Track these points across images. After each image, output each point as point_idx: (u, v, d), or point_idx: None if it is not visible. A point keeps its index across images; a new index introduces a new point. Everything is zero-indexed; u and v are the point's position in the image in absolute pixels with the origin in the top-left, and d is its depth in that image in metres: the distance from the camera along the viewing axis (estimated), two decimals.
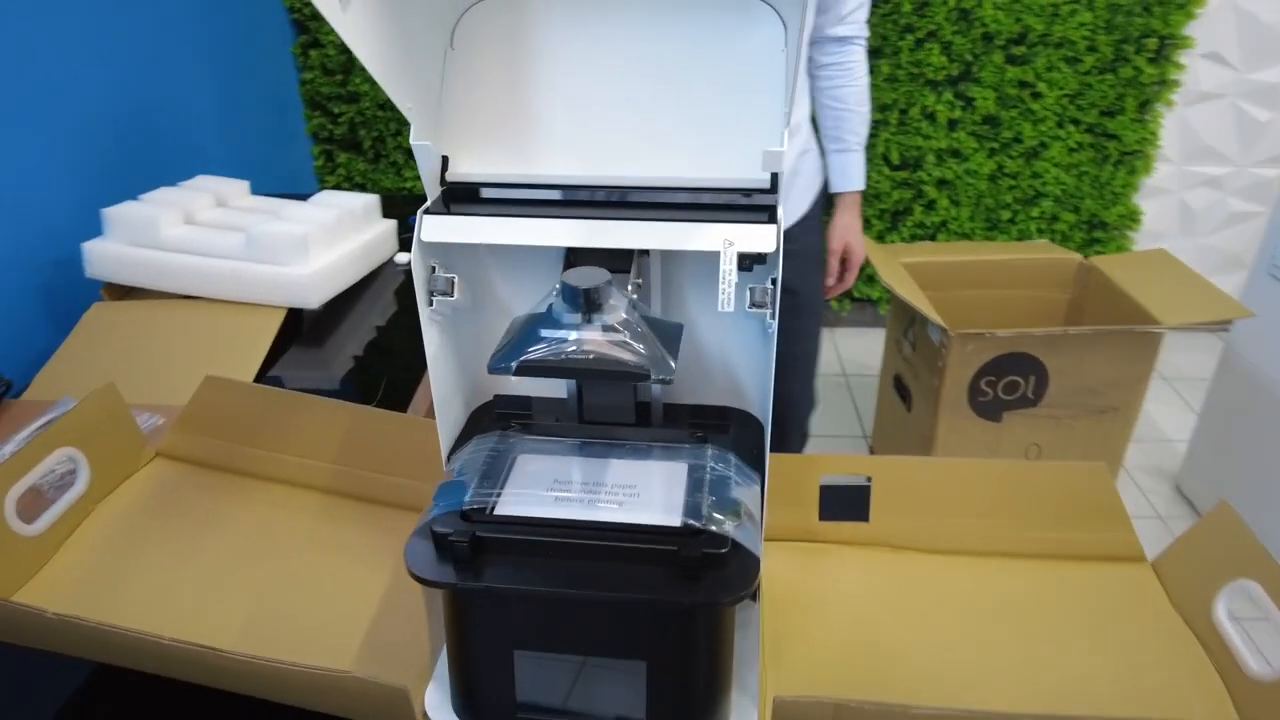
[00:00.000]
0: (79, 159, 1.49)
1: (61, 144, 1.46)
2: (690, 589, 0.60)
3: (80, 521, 0.87)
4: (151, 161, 1.71)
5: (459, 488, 0.68)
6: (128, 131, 1.64)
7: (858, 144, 1.44)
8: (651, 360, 0.59)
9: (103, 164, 1.55)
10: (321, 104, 2.46)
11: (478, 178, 0.70)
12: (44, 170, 1.42)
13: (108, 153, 1.57)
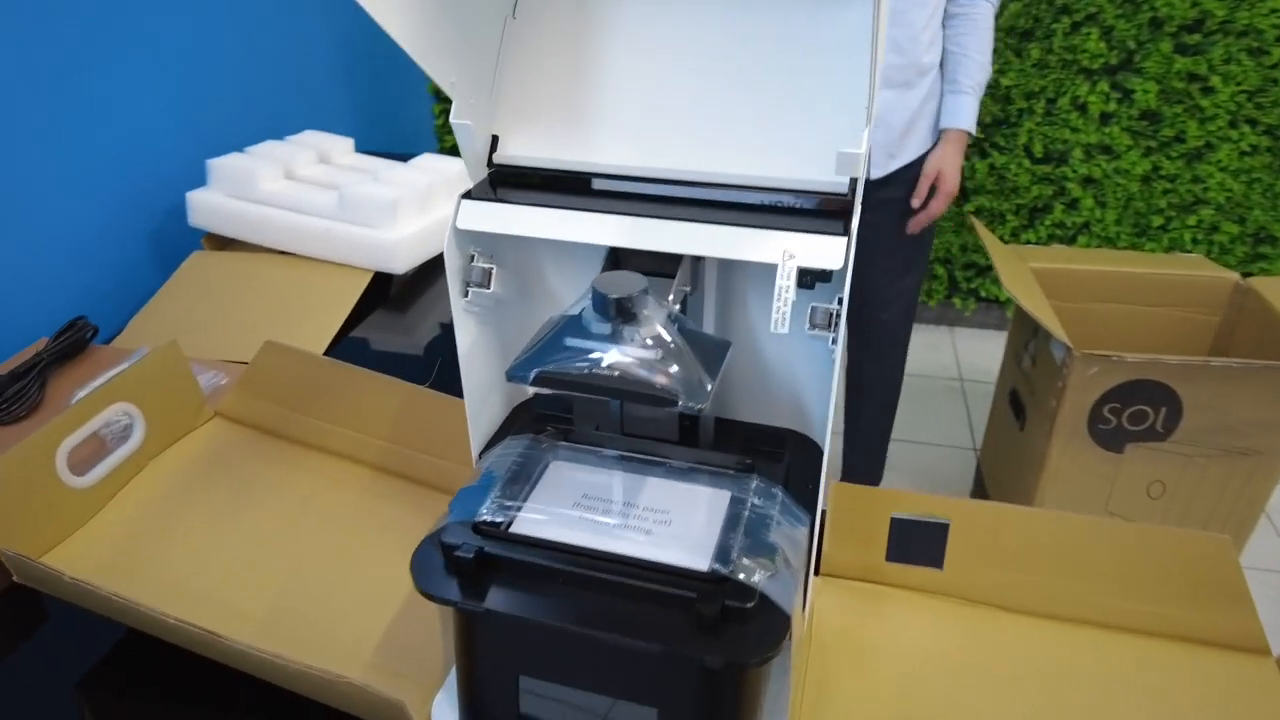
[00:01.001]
0: (194, 108, 1.52)
1: (179, 92, 1.49)
2: (706, 643, 0.53)
3: (132, 477, 0.88)
4: (266, 113, 1.73)
5: (478, 494, 0.63)
6: (246, 83, 1.67)
7: (970, 87, 1.54)
8: (684, 383, 0.53)
9: (218, 114, 1.58)
10: None
11: (527, 161, 0.64)
12: (160, 118, 1.46)
13: (223, 103, 1.60)
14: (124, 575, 0.78)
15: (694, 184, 0.60)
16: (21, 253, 1.22)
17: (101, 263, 1.37)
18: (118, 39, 1.36)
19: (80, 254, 1.33)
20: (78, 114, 1.30)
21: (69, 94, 1.28)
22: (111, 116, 1.36)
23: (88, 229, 1.34)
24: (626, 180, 0.62)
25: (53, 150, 1.27)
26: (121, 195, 1.39)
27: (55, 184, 1.28)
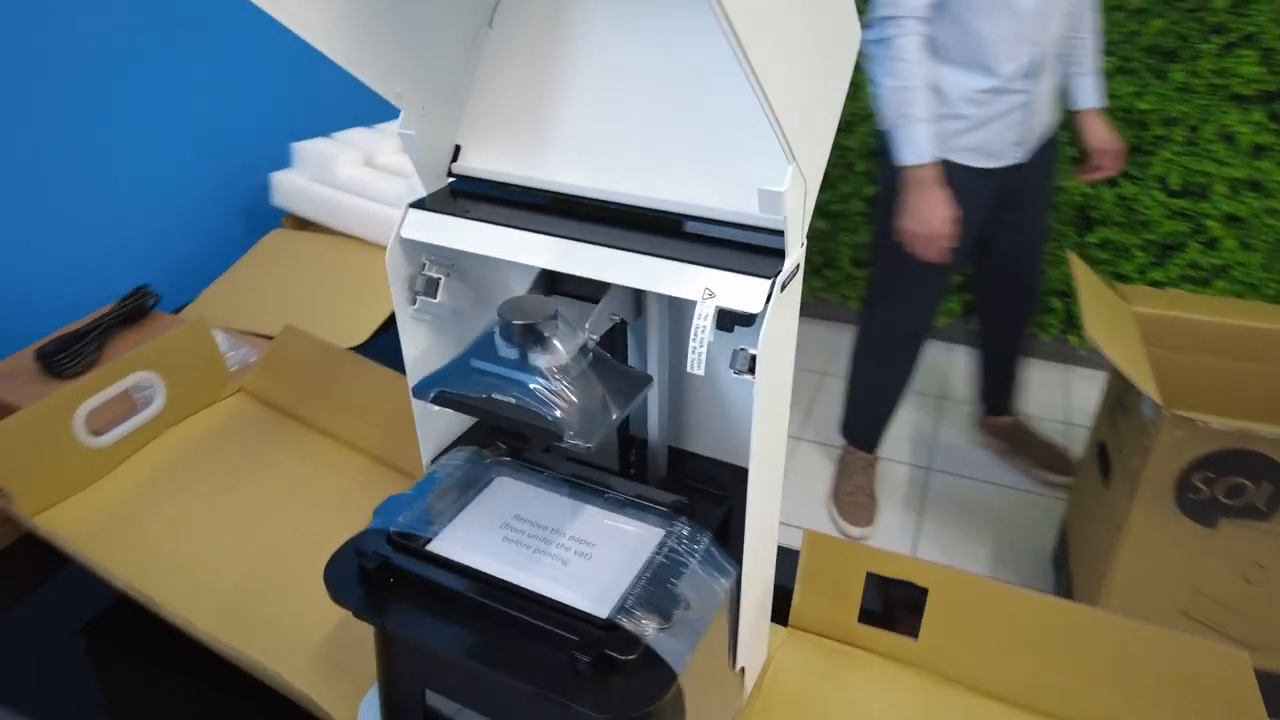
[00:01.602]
0: (292, 91, 1.60)
1: (279, 75, 1.56)
2: (577, 690, 0.51)
3: (148, 443, 0.93)
4: (359, 100, 1.79)
5: (405, 503, 0.63)
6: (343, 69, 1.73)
7: (1098, 68, 1.67)
8: (578, 418, 0.50)
9: (315, 98, 1.65)
10: None
11: (483, 173, 0.63)
12: (260, 100, 1.53)
13: (320, 87, 1.66)
14: (118, 536, 0.82)
15: (641, 210, 0.57)
16: (115, 221, 1.32)
17: (192, 234, 1.45)
18: (223, 21, 1.44)
19: (172, 224, 1.42)
20: (180, 91, 1.39)
21: (174, 73, 1.37)
22: (213, 94, 1.44)
23: (179, 202, 1.43)
24: (574, 201, 0.59)
25: (153, 126, 1.36)
26: (215, 171, 1.47)
27: (151, 159, 1.37)
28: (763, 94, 0.40)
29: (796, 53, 0.44)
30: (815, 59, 0.46)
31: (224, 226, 1.52)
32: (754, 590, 0.62)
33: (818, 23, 0.46)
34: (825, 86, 0.49)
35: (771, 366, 0.52)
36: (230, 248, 1.50)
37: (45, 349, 1.04)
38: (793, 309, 0.55)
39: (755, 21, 0.37)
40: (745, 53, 0.38)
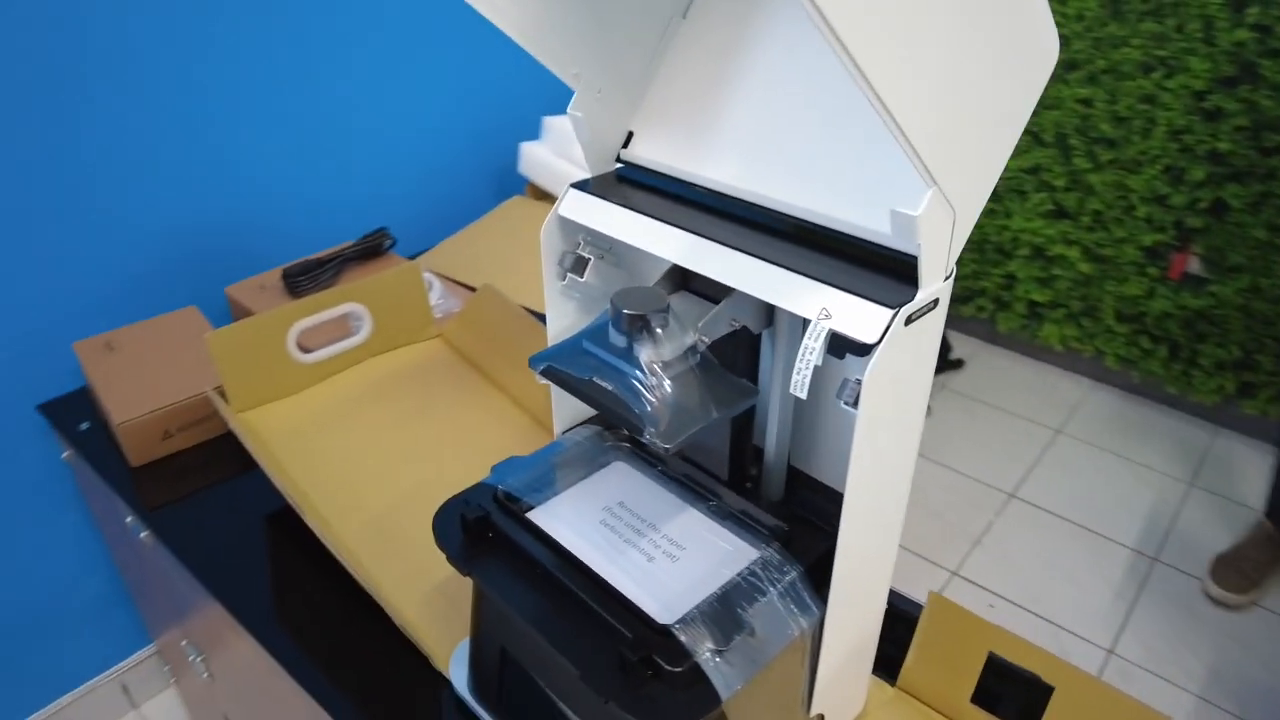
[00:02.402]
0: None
1: None
2: (618, 687, 0.50)
3: (348, 367, 1.03)
4: None
5: (517, 467, 0.65)
6: None
7: None
8: (665, 418, 0.49)
9: None
10: None
11: (648, 163, 0.63)
12: (517, 68, 1.64)
13: None
14: (298, 444, 0.92)
15: (785, 217, 0.55)
16: (374, 166, 1.47)
17: (442, 188, 1.59)
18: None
19: (426, 176, 1.56)
20: (447, 58, 1.51)
21: (446, 39, 1.49)
22: (478, 62, 1.56)
23: (435, 157, 1.56)
24: (724, 200, 0.58)
25: (420, 84, 1.49)
26: (471, 134, 1.60)
27: (415, 113, 1.50)
28: (883, 108, 0.37)
29: (938, 67, 0.39)
30: (971, 74, 0.42)
31: (471, 186, 1.64)
32: (841, 637, 0.58)
33: (977, 34, 0.41)
34: (988, 106, 0.44)
35: (881, 403, 0.48)
36: (474, 206, 1.62)
37: (290, 270, 1.18)
38: (925, 346, 0.50)
39: (871, 32, 0.34)
40: (857, 66, 0.35)
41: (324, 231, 1.41)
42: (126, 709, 1.51)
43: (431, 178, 1.57)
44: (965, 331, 2.53)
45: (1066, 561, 1.79)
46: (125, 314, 1.21)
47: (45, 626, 1.34)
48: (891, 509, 0.57)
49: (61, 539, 1.29)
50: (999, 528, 1.89)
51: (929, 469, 2.05)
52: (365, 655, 0.74)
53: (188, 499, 0.92)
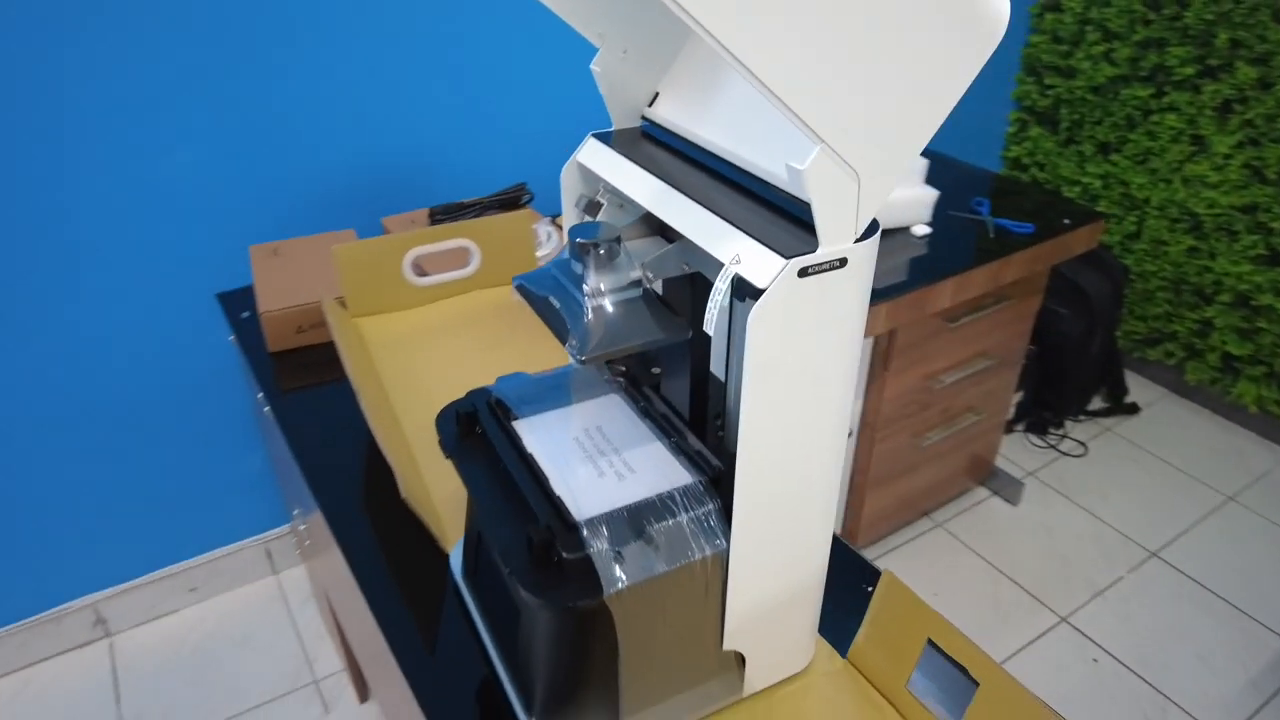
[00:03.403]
0: None
1: None
2: (520, 564, 0.57)
3: (454, 295, 1.15)
4: None
5: (517, 381, 0.74)
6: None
7: None
8: (586, 335, 0.55)
9: None
10: (1038, 71, 2.31)
11: (665, 122, 0.68)
12: None
13: None
14: (396, 354, 1.06)
15: (753, 177, 0.59)
16: (528, 133, 1.60)
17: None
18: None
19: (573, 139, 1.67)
20: None
21: None
22: None
23: (585, 123, 1.67)
24: (711, 157, 0.62)
25: (574, 56, 1.60)
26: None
27: (569, 83, 1.61)
28: (736, 63, 0.41)
29: (816, 32, 0.43)
30: (869, 42, 0.44)
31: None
32: (750, 577, 0.61)
33: (874, 4, 0.44)
34: (899, 76, 0.46)
35: (770, 347, 0.51)
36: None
37: (436, 209, 1.33)
38: (833, 305, 0.52)
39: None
40: (696, 20, 0.39)
41: (475, 180, 1.56)
42: (267, 573, 1.76)
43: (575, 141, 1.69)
44: (1148, 376, 2.33)
45: (1199, 636, 1.63)
46: (296, 228, 1.42)
47: (210, 486, 1.60)
48: (811, 468, 0.59)
49: (228, 413, 1.54)
50: (1128, 584, 1.74)
51: (1064, 508, 1.92)
52: (410, 545, 0.86)
53: (307, 389, 1.08)
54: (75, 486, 1.49)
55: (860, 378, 1.55)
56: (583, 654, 0.60)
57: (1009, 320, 1.67)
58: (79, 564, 1.56)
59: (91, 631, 1.62)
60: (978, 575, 1.76)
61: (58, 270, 1.31)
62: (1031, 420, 2.15)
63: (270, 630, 1.65)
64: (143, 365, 1.44)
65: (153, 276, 1.37)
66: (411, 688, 0.72)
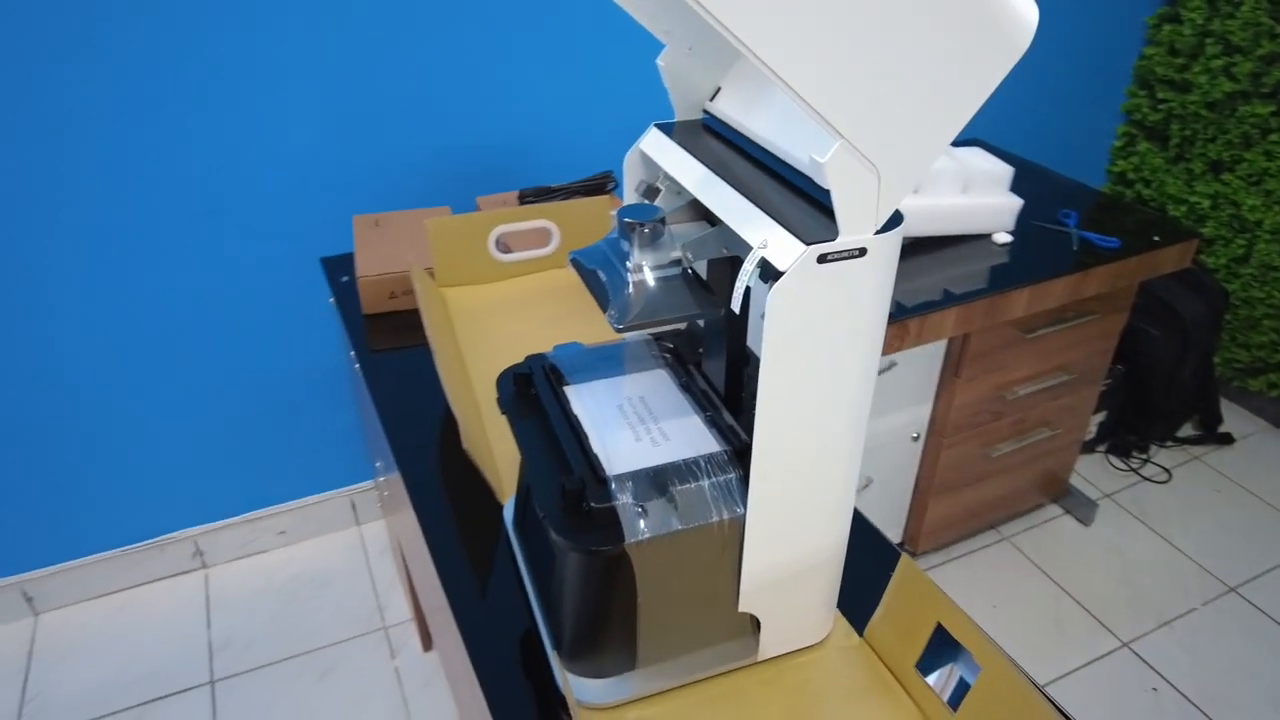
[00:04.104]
0: None
1: None
2: (554, 509, 0.63)
3: (533, 273, 1.22)
4: None
5: (573, 350, 0.80)
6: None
7: None
8: (624, 305, 0.61)
9: None
10: (1150, 84, 2.23)
11: (721, 115, 0.73)
12: None
13: None
14: (479, 319, 1.13)
15: (794, 170, 0.63)
16: (618, 125, 1.66)
17: None
18: None
19: None
20: None
21: None
22: None
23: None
24: (760, 150, 0.67)
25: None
26: None
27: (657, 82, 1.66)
28: (762, 65, 0.46)
29: (835, 37, 0.47)
30: (890, 47, 0.48)
31: None
32: (765, 543, 0.65)
33: (896, 11, 0.47)
34: (920, 79, 0.50)
35: (788, 329, 0.55)
36: None
37: (525, 192, 1.40)
38: (853, 293, 0.56)
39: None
40: (724, 25, 0.44)
41: (566, 165, 1.63)
42: (351, 524, 1.88)
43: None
44: (1248, 407, 2.23)
45: (1273, 678, 1.57)
46: (397, 202, 1.52)
47: (305, 438, 1.73)
48: (826, 446, 0.63)
49: (324, 370, 1.65)
50: (1200, 618, 1.69)
51: (1139, 533, 1.87)
52: (472, 498, 0.93)
53: (395, 350, 1.17)
54: (184, 429, 1.63)
55: (930, 382, 1.56)
56: (605, 597, 0.65)
57: (1091, 336, 1.64)
58: (185, 499, 1.71)
59: (190, 561, 1.77)
60: (1040, 591, 1.74)
61: (187, 226, 1.44)
62: (1115, 442, 2.09)
63: (348, 577, 1.77)
64: (251, 320, 1.56)
65: (266, 238, 1.50)
66: (463, 636, 0.79)
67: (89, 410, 1.55)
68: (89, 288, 1.44)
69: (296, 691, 1.54)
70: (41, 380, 1.49)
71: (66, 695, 1.54)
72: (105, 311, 1.46)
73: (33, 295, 1.41)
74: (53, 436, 1.55)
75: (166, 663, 1.60)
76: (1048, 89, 2.17)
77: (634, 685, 0.70)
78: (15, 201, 1.33)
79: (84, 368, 1.50)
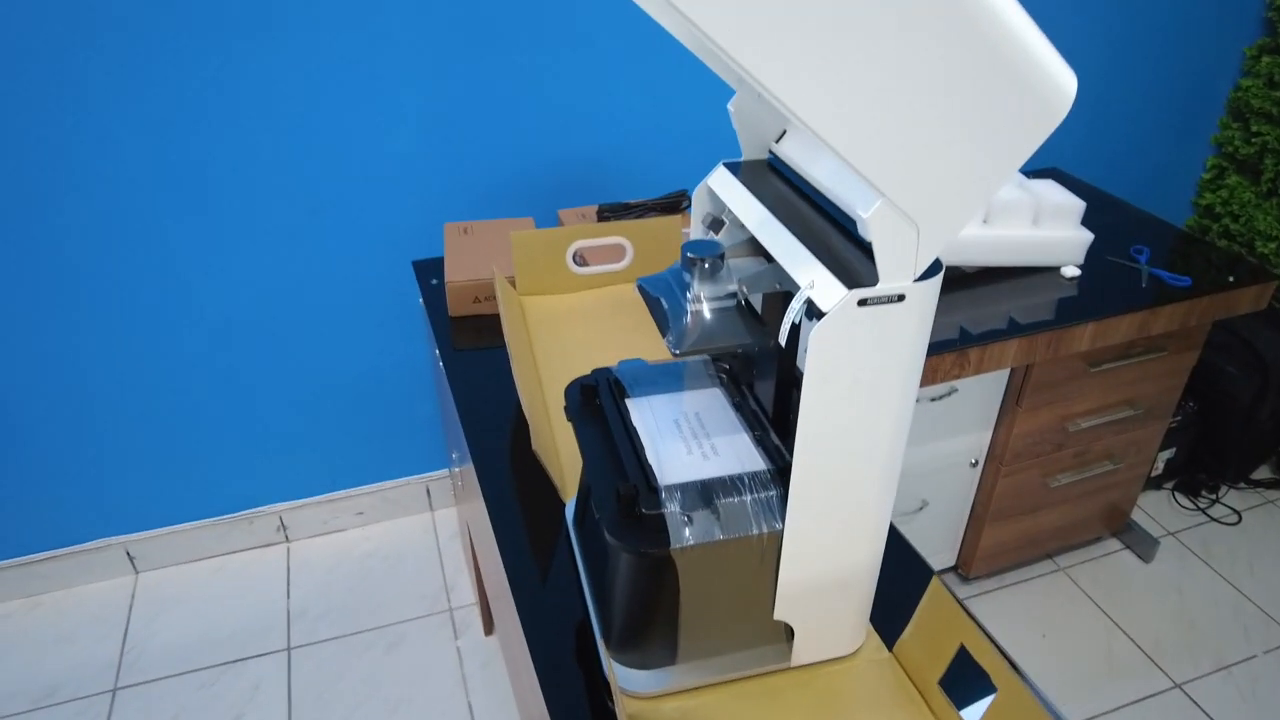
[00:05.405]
0: None
1: None
2: (608, 512, 0.69)
3: (607, 285, 1.30)
4: None
5: (636, 366, 0.86)
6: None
7: None
8: (681, 331, 0.67)
9: None
10: (1244, 116, 2.18)
11: (784, 156, 0.78)
12: None
13: None
14: (554, 327, 1.21)
15: (844, 214, 0.68)
16: (694, 147, 1.72)
17: None
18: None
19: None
20: None
21: None
22: None
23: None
24: (816, 192, 0.72)
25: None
26: None
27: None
28: (806, 126, 0.51)
29: (881, 108, 0.52)
30: (930, 116, 0.53)
31: None
32: (802, 558, 0.71)
33: (936, 81, 0.52)
34: (959, 143, 0.54)
35: (829, 365, 0.61)
36: None
37: (604, 207, 1.48)
38: (893, 336, 0.61)
39: (792, 70, 0.49)
40: (784, 104, 0.50)
41: (645, 181, 1.70)
42: (425, 509, 1.99)
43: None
44: None
45: None
46: (485, 210, 1.61)
47: (388, 426, 1.84)
48: (861, 475, 0.68)
49: (410, 364, 1.76)
50: (1261, 665, 1.67)
51: (1202, 573, 1.85)
52: (538, 495, 1.01)
53: (476, 350, 1.25)
54: (277, 412, 1.76)
55: (991, 410, 1.57)
56: (651, 595, 0.72)
57: (1160, 373, 1.64)
58: (273, 477, 1.84)
59: (275, 535, 1.90)
60: (1092, 624, 1.73)
61: (297, 224, 1.56)
62: (1183, 479, 2.06)
63: (419, 559, 1.87)
64: (345, 315, 1.68)
65: (364, 241, 1.61)
66: (522, 622, 0.87)
67: (192, 391, 1.68)
68: (206, 276, 1.57)
69: (365, 663, 1.65)
70: (156, 361, 1.63)
71: (161, 648, 1.68)
72: (217, 298, 1.60)
73: (162, 281, 1.55)
74: (159, 413, 1.69)
75: (249, 626, 1.72)
76: (1134, 117, 2.15)
77: (674, 678, 0.76)
78: (164, 193, 1.47)
79: (189, 351, 1.64)
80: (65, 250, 1.48)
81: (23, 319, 1.52)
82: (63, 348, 1.57)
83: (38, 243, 1.46)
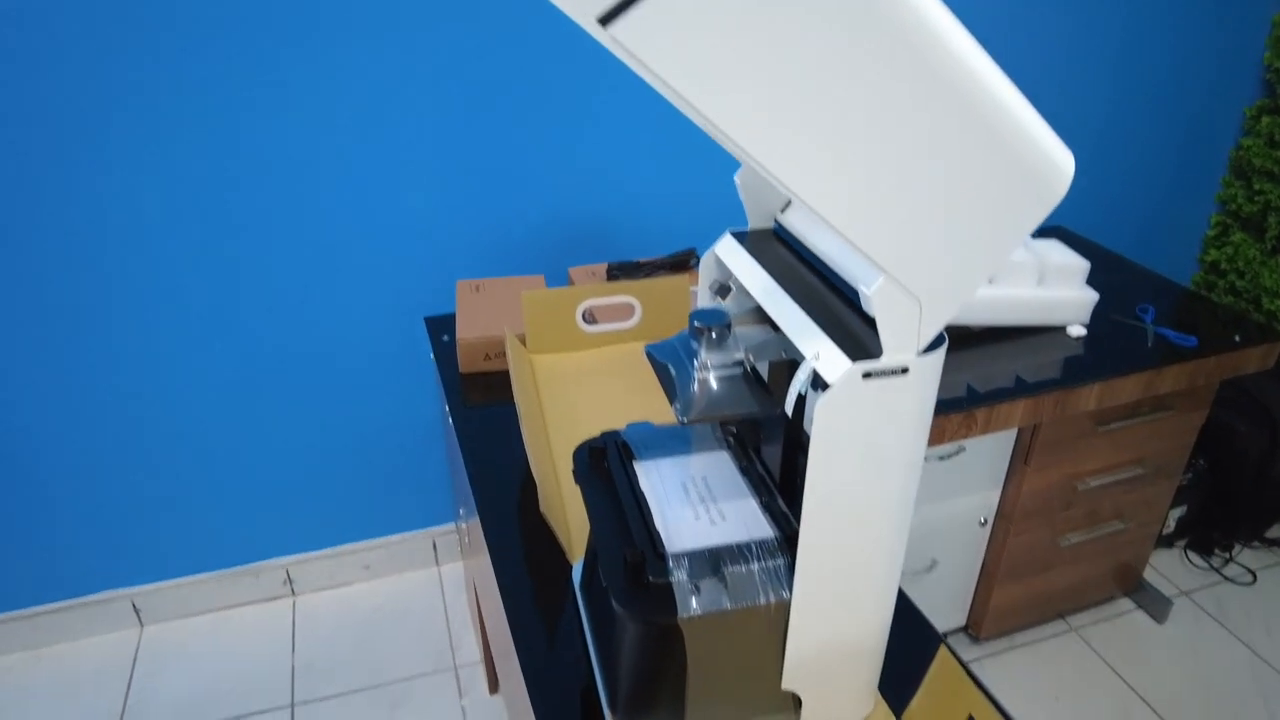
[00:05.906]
0: None
1: None
2: (616, 578, 0.70)
3: (616, 343, 1.31)
4: None
5: (644, 429, 0.87)
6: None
7: None
8: (688, 398, 0.68)
9: None
10: (1247, 174, 2.21)
11: (789, 225, 0.80)
12: None
13: None
14: (563, 385, 1.22)
15: (849, 285, 0.69)
16: (699, 206, 1.75)
17: None
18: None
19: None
20: None
21: None
22: None
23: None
24: (819, 262, 0.74)
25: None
26: None
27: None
28: (809, 208, 0.53)
29: (884, 191, 0.53)
30: (930, 198, 0.55)
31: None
32: (810, 627, 0.71)
33: (937, 164, 0.54)
34: (959, 222, 0.56)
35: (834, 436, 0.61)
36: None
37: (614, 266, 1.50)
38: (897, 407, 0.62)
39: (800, 158, 0.51)
40: (790, 188, 0.51)
41: (654, 240, 1.72)
42: (431, 563, 1.98)
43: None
44: None
45: None
46: (497, 268, 1.63)
47: (395, 480, 1.84)
48: (867, 544, 0.68)
49: (419, 419, 1.77)
50: None
51: (1217, 635, 1.82)
52: (545, 556, 1.01)
53: (486, 406, 1.26)
54: (284, 465, 1.77)
55: (999, 469, 1.57)
56: (657, 664, 0.71)
57: (1168, 431, 1.63)
58: (280, 530, 1.84)
59: (281, 588, 1.90)
60: (1105, 686, 1.71)
61: (308, 279, 1.59)
62: (1195, 537, 2.04)
63: (425, 615, 1.86)
64: (356, 368, 1.70)
65: (377, 295, 1.63)
66: (527, 683, 0.86)
67: (201, 442, 1.69)
68: (218, 329, 1.59)
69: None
70: (161, 412, 1.64)
71: (164, 702, 1.67)
72: (229, 350, 1.62)
73: (174, 333, 1.57)
74: (167, 465, 1.70)
75: (253, 681, 1.71)
76: (1138, 175, 2.18)
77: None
78: (177, 245, 1.50)
79: (199, 402, 1.65)
80: (79, 302, 1.51)
81: (32, 371, 1.54)
82: (71, 398, 1.58)
83: (50, 295, 1.49)
